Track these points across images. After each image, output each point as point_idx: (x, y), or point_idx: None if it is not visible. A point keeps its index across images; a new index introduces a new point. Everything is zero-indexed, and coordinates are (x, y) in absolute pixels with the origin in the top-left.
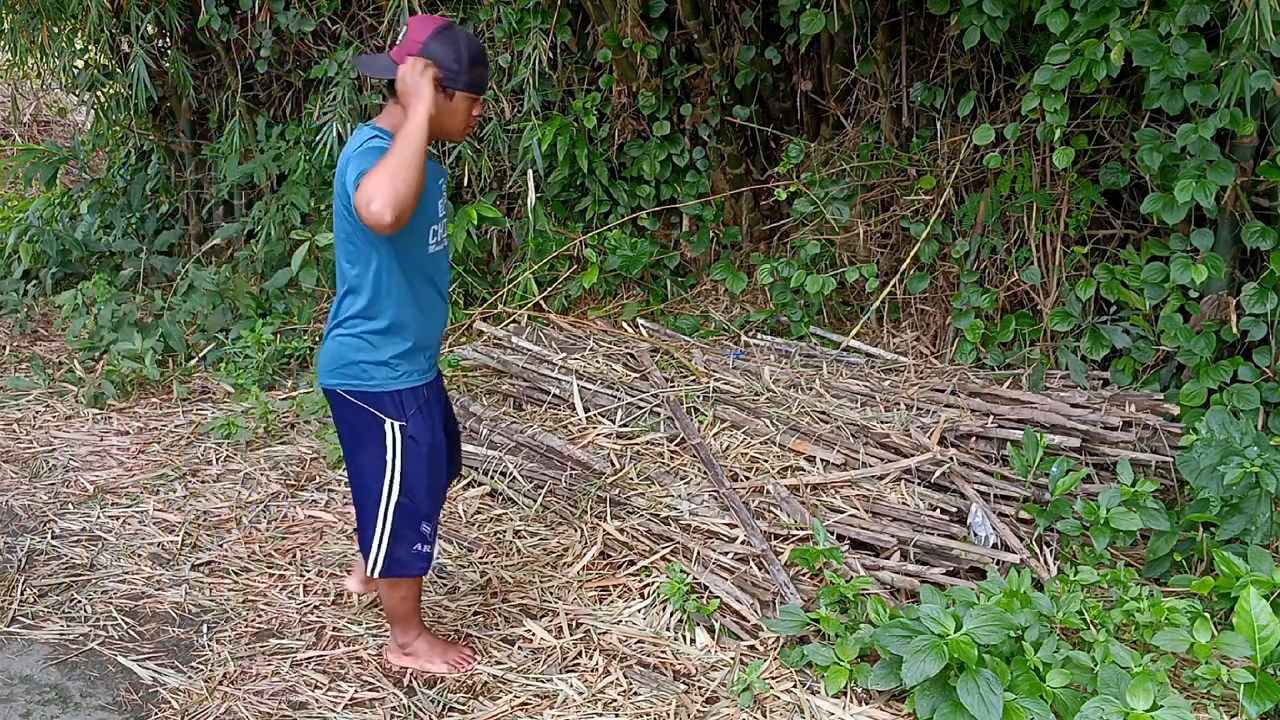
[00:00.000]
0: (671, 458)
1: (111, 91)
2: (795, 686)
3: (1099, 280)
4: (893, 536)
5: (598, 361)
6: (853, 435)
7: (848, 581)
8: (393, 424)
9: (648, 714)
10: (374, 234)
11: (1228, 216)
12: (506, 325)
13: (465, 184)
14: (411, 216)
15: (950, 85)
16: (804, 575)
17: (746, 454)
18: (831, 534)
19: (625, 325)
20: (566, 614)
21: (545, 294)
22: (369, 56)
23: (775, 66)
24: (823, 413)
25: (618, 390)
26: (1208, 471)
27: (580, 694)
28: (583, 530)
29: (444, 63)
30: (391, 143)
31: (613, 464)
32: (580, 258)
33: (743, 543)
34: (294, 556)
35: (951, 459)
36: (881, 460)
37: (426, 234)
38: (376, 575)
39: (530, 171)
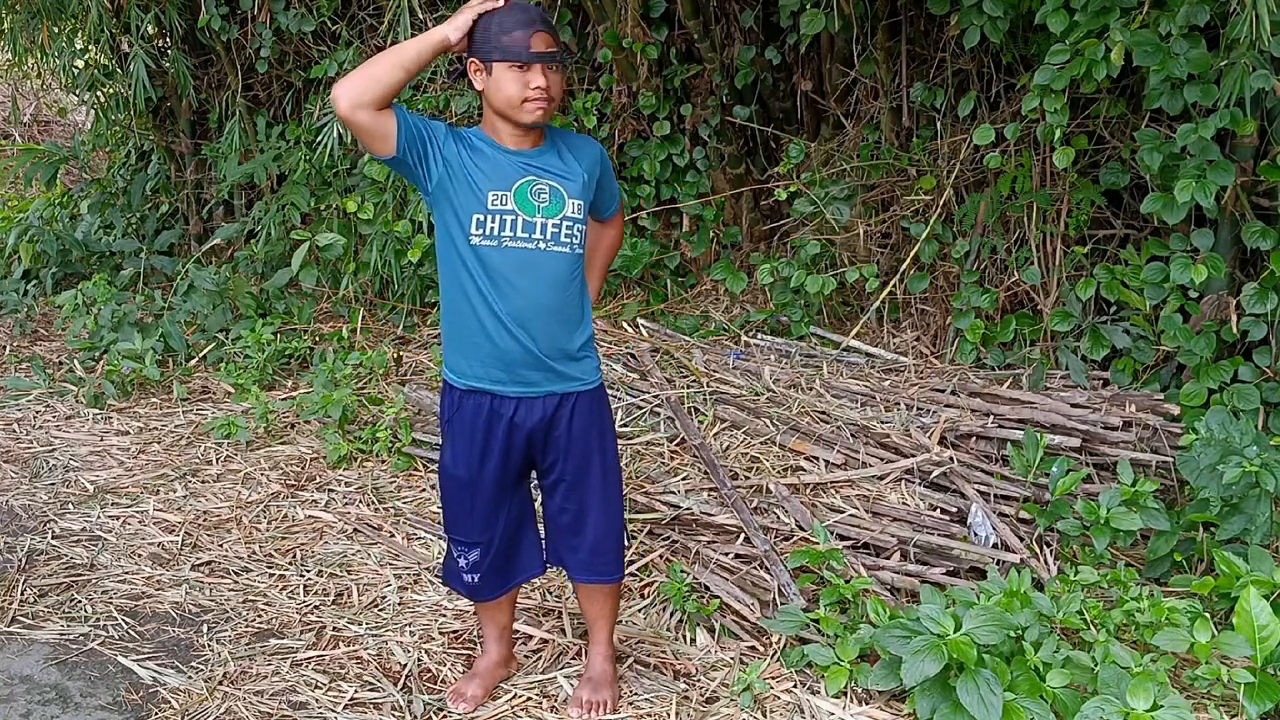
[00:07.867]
0: (671, 457)
1: (111, 91)
2: (795, 686)
3: (1099, 280)
4: (893, 536)
5: None
6: (853, 435)
7: (848, 581)
8: (441, 420)
9: (648, 714)
10: (433, 201)
11: (1228, 216)
12: None
13: None
14: (457, 194)
15: (950, 85)
16: (803, 573)
17: (747, 454)
18: (831, 534)
19: (625, 325)
20: (567, 614)
21: None
22: None
23: (775, 66)
24: (823, 413)
25: (618, 390)
26: (1208, 471)
27: None
28: None
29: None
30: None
31: None
32: None
33: (744, 542)
34: (294, 556)
35: (951, 459)
36: (881, 460)
37: (468, 220)
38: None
39: None
